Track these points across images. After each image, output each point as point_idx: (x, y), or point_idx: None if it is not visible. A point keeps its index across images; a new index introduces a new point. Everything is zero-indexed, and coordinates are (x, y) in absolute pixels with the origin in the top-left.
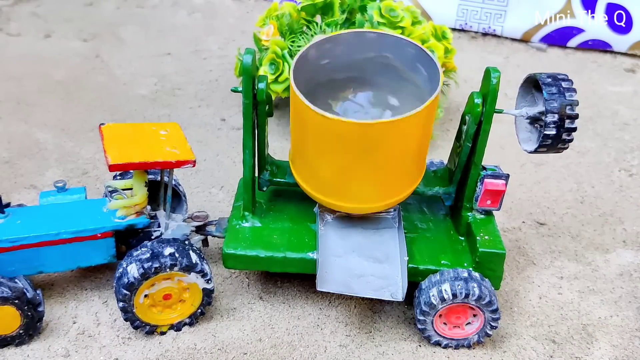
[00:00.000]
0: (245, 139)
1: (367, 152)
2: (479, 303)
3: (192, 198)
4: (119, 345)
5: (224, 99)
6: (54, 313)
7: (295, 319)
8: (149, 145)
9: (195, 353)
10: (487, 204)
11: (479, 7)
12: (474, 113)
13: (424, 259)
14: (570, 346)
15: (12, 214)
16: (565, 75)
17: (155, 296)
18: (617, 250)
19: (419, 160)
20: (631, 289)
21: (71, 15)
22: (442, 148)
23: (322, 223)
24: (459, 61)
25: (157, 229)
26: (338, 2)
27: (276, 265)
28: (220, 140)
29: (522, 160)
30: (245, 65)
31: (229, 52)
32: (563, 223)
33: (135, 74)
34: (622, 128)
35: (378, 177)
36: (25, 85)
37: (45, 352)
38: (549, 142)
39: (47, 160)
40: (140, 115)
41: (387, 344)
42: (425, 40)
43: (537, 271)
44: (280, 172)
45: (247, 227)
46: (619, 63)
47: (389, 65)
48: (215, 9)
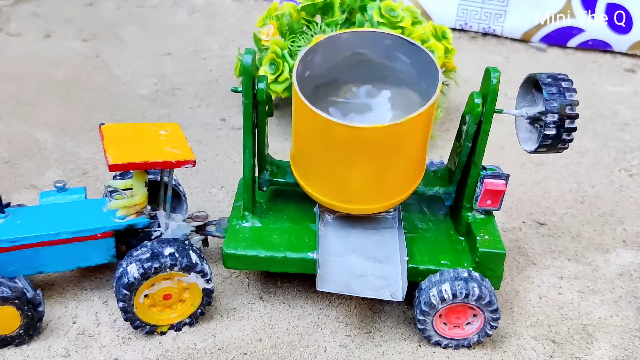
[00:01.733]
0: (245, 139)
1: (367, 154)
2: (479, 303)
3: (192, 198)
4: (119, 345)
5: (224, 99)
6: (54, 313)
7: (295, 319)
8: (149, 145)
9: (195, 353)
10: (487, 204)
11: (479, 7)
12: (474, 113)
13: (424, 259)
14: (570, 346)
15: (12, 214)
16: (565, 75)
17: (155, 296)
18: (617, 250)
19: (419, 161)
20: (631, 289)
21: (71, 15)
22: (442, 148)
23: (322, 223)
24: (459, 61)
25: (157, 229)
26: (338, 2)
27: (276, 265)
28: (220, 140)
29: (522, 160)
30: (245, 65)
31: (229, 52)
32: (563, 223)
33: (135, 74)
34: (622, 128)
35: (378, 179)
36: (25, 85)
37: (45, 352)
38: (549, 142)
39: (47, 160)
40: (140, 115)
41: (387, 344)
42: (425, 40)
43: (537, 271)
44: (280, 172)
45: (247, 227)
46: (619, 63)
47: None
48: (215, 9)
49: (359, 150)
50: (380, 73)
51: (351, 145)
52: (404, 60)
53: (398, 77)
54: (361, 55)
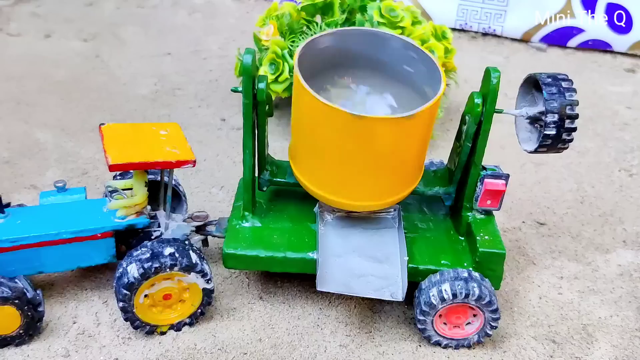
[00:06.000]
0: (245, 139)
1: (368, 146)
2: (479, 303)
3: (192, 198)
4: (119, 345)
5: (224, 99)
6: (54, 313)
7: (295, 319)
8: (149, 145)
9: (195, 353)
10: (487, 204)
11: (479, 7)
12: (474, 113)
13: (424, 259)
14: (570, 346)
15: (12, 214)
16: (565, 75)
17: (155, 296)
18: (617, 250)
19: (420, 159)
20: (631, 289)
21: (71, 15)
22: (442, 148)
23: (322, 223)
24: (459, 61)
25: (157, 229)
26: (338, 2)
27: (276, 265)
28: (220, 140)
29: (522, 160)
30: (245, 65)
31: (229, 52)
32: (563, 223)
33: (135, 74)
34: (622, 128)
35: (378, 174)
36: (25, 85)
37: (45, 352)
38: (549, 142)
39: (47, 160)
40: (140, 115)
41: (387, 344)
42: (425, 40)
43: (537, 271)
44: (280, 172)
45: (247, 227)
46: (619, 63)
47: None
48: (215, 9)
49: (360, 142)
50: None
51: (353, 136)
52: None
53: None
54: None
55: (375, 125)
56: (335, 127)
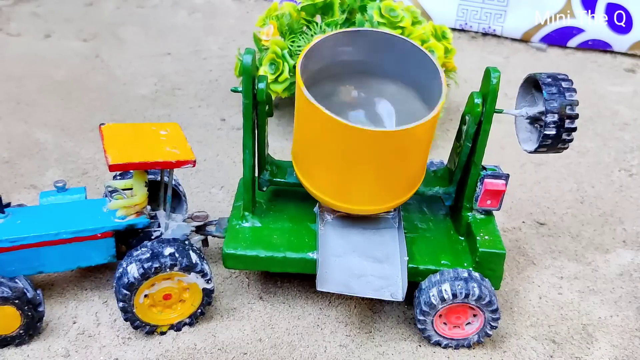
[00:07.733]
0: (245, 139)
1: (371, 157)
2: (479, 303)
3: (192, 198)
4: (119, 345)
5: (224, 99)
6: (54, 313)
7: (295, 319)
8: (149, 145)
9: (195, 353)
10: (487, 204)
11: (479, 7)
12: (474, 113)
13: (424, 259)
14: (570, 346)
15: (12, 214)
16: (565, 75)
17: (155, 296)
18: (617, 250)
19: (422, 165)
20: (631, 289)
21: (71, 15)
22: (442, 148)
23: (322, 223)
24: (459, 61)
25: (157, 229)
26: (338, 2)
27: (276, 265)
28: (220, 140)
29: (522, 160)
30: (245, 65)
31: (229, 52)
32: (563, 223)
33: (135, 74)
34: (622, 128)
35: (381, 181)
36: (25, 85)
37: (45, 352)
38: (549, 142)
39: (47, 160)
40: (140, 115)
41: (387, 344)
42: (425, 40)
43: (537, 271)
44: (280, 172)
45: (247, 227)
46: (619, 63)
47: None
48: (215, 9)
49: (364, 153)
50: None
51: (355, 147)
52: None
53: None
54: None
55: (379, 137)
56: (340, 139)
